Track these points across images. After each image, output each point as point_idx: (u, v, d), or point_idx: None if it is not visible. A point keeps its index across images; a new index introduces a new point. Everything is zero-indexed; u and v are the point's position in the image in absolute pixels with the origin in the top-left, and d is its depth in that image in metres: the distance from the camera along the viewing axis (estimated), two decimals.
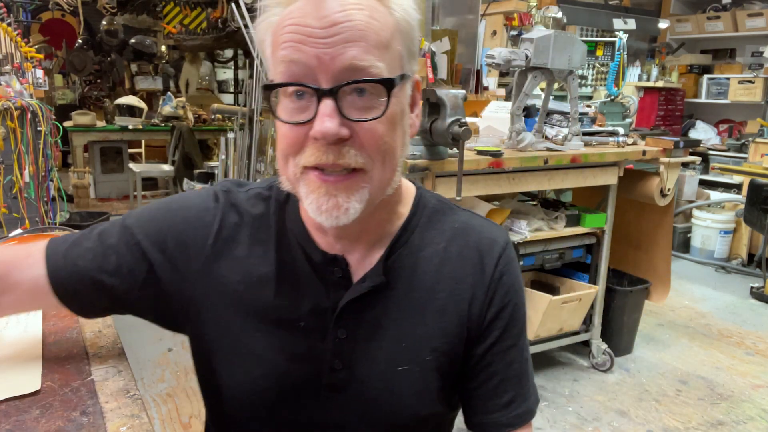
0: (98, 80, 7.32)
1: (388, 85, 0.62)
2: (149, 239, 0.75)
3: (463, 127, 1.85)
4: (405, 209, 0.76)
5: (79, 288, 0.76)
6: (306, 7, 0.61)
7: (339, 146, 0.62)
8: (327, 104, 0.60)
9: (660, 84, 5.41)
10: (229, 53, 8.63)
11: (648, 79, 5.50)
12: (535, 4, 4.87)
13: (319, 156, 0.62)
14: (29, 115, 2.49)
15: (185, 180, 4.68)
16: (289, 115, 0.63)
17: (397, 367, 0.72)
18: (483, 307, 0.74)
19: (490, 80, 3.52)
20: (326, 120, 0.60)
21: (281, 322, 0.73)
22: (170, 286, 0.76)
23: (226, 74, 9.29)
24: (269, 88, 0.64)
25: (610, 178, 2.55)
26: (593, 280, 2.71)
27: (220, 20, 6.22)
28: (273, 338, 0.73)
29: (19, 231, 1.44)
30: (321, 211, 0.64)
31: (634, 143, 2.73)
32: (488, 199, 2.56)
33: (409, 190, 0.78)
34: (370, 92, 0.62)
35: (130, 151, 6.59)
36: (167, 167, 5.84)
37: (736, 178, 4.89)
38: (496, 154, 2.13)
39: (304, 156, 0.63)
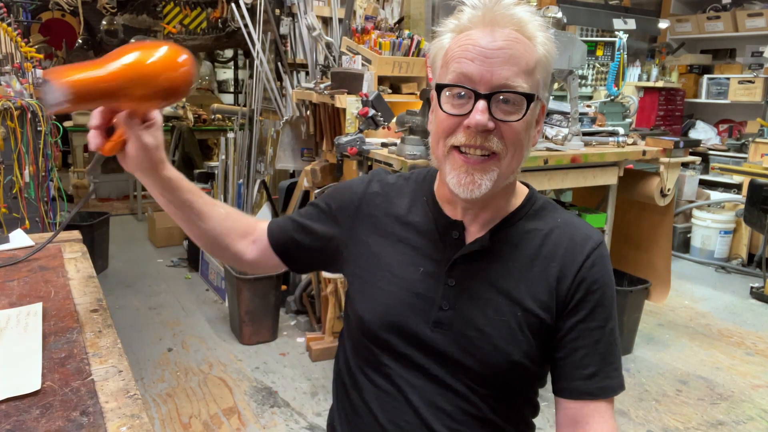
0: None
1: (529, 98, 0.82)
2: (326, 207, 1.04)
3: None
4: (518, 201, 0.95)
5: (289, 247, 1.04)
6: (480, 34, 0.82)
7: (485, 134, 0.82)
8: (481, 104, 0.81)
9: (660, 84, 5.41)
10: (229, 53, 8.62)
11: (648, 79, 5.50)
12: (535, 4, 4.87)
13: (469, 138, 0.82)
14: (29, 115, 2.49)
15: None
16: (450, 108, 0.84)
17: (495, 316, 0.88)
18: (571, 288, 0.88)
19: None
20: (479, 114, 0.80)
21: (406, 265, 0.93)
22: (342, 234, 1.01)
23: (226, 74, 9.28)
24: (441, 87, 0.84)
25: (610, 178, 2.55)
26: None
27: (220, 20, 6.21)
28: (398, 278, 0.93)
29: (19, 231, 1.44)
30: (460, 184, 0.84)
31: (634, 143, 2.73)
32: None
33: (523, 188, 0.99)
34: (513, 103, 0.82)
35: None
36: None
37: (736, 178, 4.89)
38: None
39: (456, 138, 0.83)
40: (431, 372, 0.90)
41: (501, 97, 0.81)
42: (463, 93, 0.82)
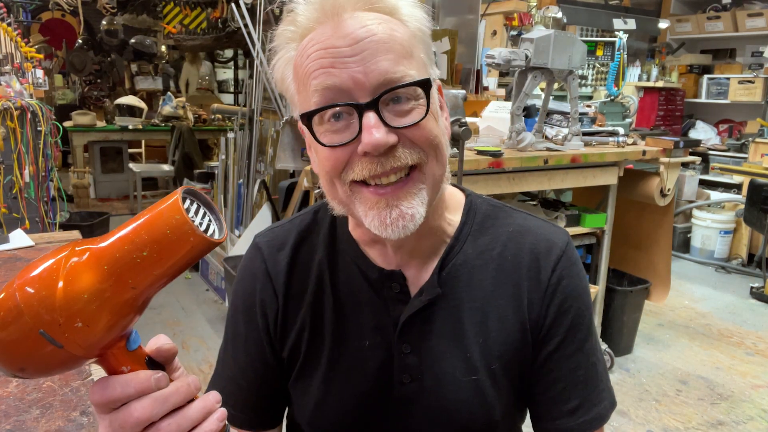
0: (98, 80, 7.32)
1: (426, 84, 0.63)
2: (243, 331, 0.80)
3: (463, 127, 1.85)
4: (456, 217, 0.76)
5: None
6: (325, 31, 0.62)
7: (391, 152, 0.62)
8: (370, 116, 0.60)
9: (660, 84, 5.41)
10: (229, 53, 8.63)
11: (648, 79, 5.49)
12: (535, 4, 4.87)
13: (372, 168, 0.62)
14: (29, 115, 2.49)
15: (185, 180, 4.68)
16: (330, 138, 0.63)
17: (466, 377, 0.72)
18: (541, 313, 0.73)
19: (490, 80, 3.52)
20: (374, 131, 0.60)
21: (347, 343, 0.75)
22: (268, 342, 0.79)
23: (226, 74, 9.28)
24: (308, 116, 0.63)
25: (610, 178, 2.55)
26: (593, 280, 2.71)
27: (220, 20, 6.22)
28: (342, 360, 0.75)
29: (19, 231, 1.44)
30: (386, 225, 0.63)
31: (634, 143, 2.72)
32: None
33: (457, 197, 0.78)
34: (406, 97, 0.62)
35: (130, 151, 6.59)
36: (167, 167, 5.84)
37: (736, 178, 4.89)
38: (496, 154, 2.13)
39: (354, 171, 0.63)
40: None
41: (392, 97, 0.62)
42: (338, 114, 0.62)
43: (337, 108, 0.62)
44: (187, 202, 0.48)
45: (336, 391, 0.75)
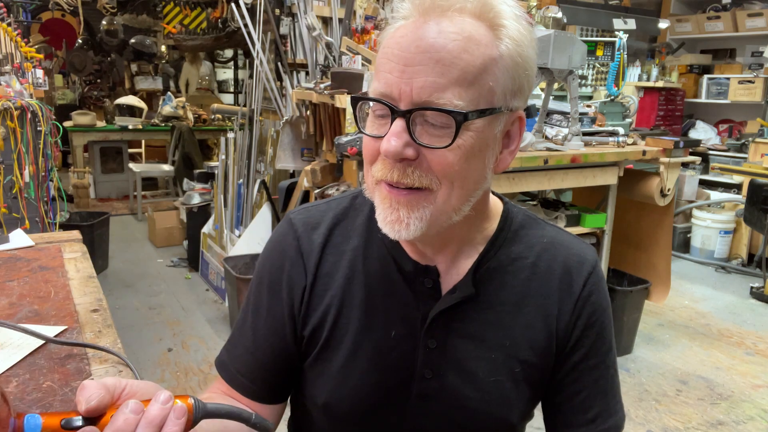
0: (98, 80, 7.32)
1: (458, 117, 0.61)
2: (270, 297, 0.80)
3: None
4: (493, 224, 0.77)
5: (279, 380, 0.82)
6: (408, 30, 0.62)
7: (404, 165, 0.63)
8: (398, 124, 0.62)
9: (660, 84, 5.41)
10: (229, 53, 8.62)
11: (648, 79, 5.50)
12: (535, 4, 4.87)
13: (385, 172, 0.64)
14: (29, 115, 2.49)
15: (185, 180, 4.67)
16: (371, 127, 0.66)
17: (488, 378, 0.74)
18: (570, 325, 0.76)
19: None
20: (392, 138, 0.61)
21: (374, 330, 0.75)
22: (295, 313, 0.79)
23: (226, 74, 9.28)
24: (355, 100, 0.67)
25: (610, 178, 2.55)
26: None
27: (220, 20, 6.22)
28: (366, 349, 0.75)
29: (19, 231, 1.44)
30: (385, 222, 0.66)
31: (634, 143, 2.73)
32: None
33: (496, 205, 0.79)
34: (444, 123, 0.62)
35: (130, 151, 6.59)
36: (167, 167, 5.84)
37: (736, 178, 4.89)
38: None
39: (376, 168, 0.66)
40: None
41: (426, 117, 0.62)
42: (382, 113, 0.64)
43: (379, 107, 0.64)
44: None
45: (356, 377, 0.75)
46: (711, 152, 5.38)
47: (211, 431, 0.69)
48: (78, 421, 0.49)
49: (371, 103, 0.65)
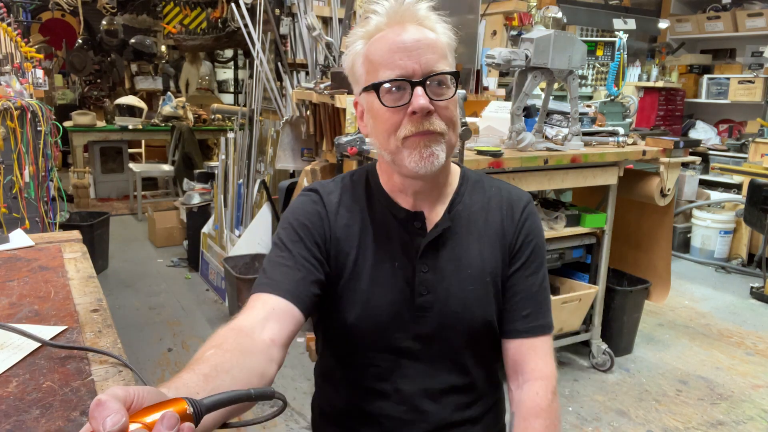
0: (98, 80, 7.32)
1: (457, 75, 0.94)
2: (306, 233, 1.00)
3: (463, 127, 1.85)
4: (455, 180, 1.06)
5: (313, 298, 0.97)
6: (395, 33, 0.92)
7: (429, 117, 0.90)
8: (419, 89, 0.90)
9: (660, 84, 5.41)
10: (229, 53, 8.62)
11: (648, 79, 5.49)
12: (535, 4, 4.87)
13: (418, 125, 0.90)
14: (29, 115, 2.49)
15: (185, 180, 4.67)
16: (391, 101, 0.91)
17: (467, 287, 0.99)
18: (513, 242, 1.03)
19: (490, 80, 3.52)
20: (420, 98, 0.89)
21: (382, 263, 1.00)
22: (323, 252, 1.00)
23: (226, 74, 9.28)
24: (379, 85, 0.91)
25: (610, 178, 2.55)
26: (593, 280, 2.71)
27: (220, 20, 6.22)
28: (379, 278, 0.99)
29: (19, 231, 1.44)
30: (422, 158, 0.91)
31: (634, 143, 2.72)
32: None
33: (456, 168, 1.09)
34: (443, 84, 0.92)
35: (130, 151, 6.59)
36: (167, 167, 5.84)
37: (736, 178, 4.89)
38: (496, 154, 2.13)
39: (404, 129, 0.91)
40: (419, 356, 1.00)
41: (436, 81, 0.91)
42: (399, 86, 0.91)
43: (400, 82, 0.90)
44: None
45: (376, 298, 0.99)
46: (711, 152, 5.38)
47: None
48: None
49: (392, 87, 0.91)
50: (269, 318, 0.86)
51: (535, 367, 1.00)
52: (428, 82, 0.91)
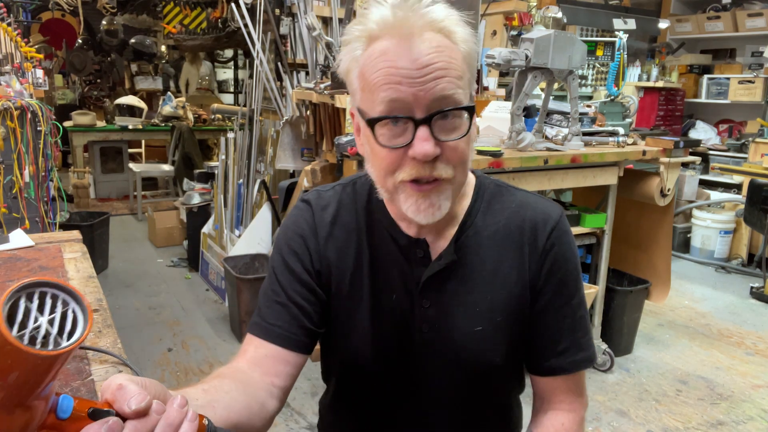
0: (98, 80, 7.31)
1: (471, 110, 0.76)
2: (297, 263, 0.92)
3: None
4: (467, 196, 0.91)
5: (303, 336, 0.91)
6: (397, 51, 0.73)
7: (433, 162, 0.75)
8: (423, 130, 0.74)
9: (660, 84, 5.41)
10: (229, 53, 8.62)
11: (648, 79, 5.49)
12: (535, 4, 4.87)
13: (419, 170, 0.76)
14: (29, 115, 2.49)
15: (185, 180, 4.67)
16: (388, 140, 0.76)
17: (473, 328, 0.87)
18: (537, 273, 0.88)
19: (490, 80, 3.52)
20: (425, 144, 0.73)
21: (380, 294, 0.89)
22: (319, 281, 0.92)
23: (226, 74, 9.28)
24: (373, 122, 0.76)
25: (610, 178, 2.55)
26: (593, 280, 2.71)
27: (220, 20, 6.22)
28: (376, 310, 0.89)
29: (19, 231, 1.44)
30: (419, 211, 0.78)
31: (634, 143, 2.72)
32: None
33: (470, 178, 0.92)
34: (453, 115, 0.75)
35: (130, 151, 6.59)
36: (167, 167, 5.84)
37: (736, 178, 4.89)
38: (496, 154, 2.13)
39: (403, 172, 0.77)
40: (419, 395, 0.92)
41: (442, 115, 0.74)
42: (397, 121, 0.75)
43: (399, 120, 0.74)
44: (22, 302, 0.45)
45: (376, 328, 0.89)
46: (711, 152, 5.38)
47: None
48: (105, 413, 0.50)
49: (388, 120, 0.75)
50: (262, 364, 0.85)
51: (565, 399, 0.92)
52: (435, 119, 0.74)
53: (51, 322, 0.47)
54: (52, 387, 0.49)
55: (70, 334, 0.48)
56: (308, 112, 3.17)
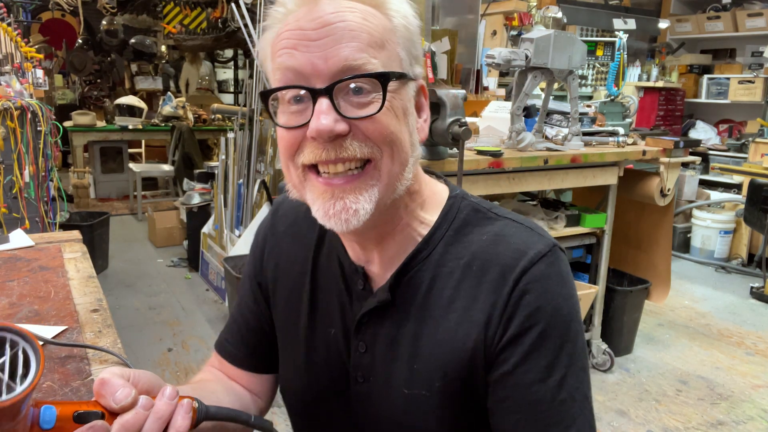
0: (98, 80, 7.31)
1: (383, 78, 0.60)
2: (253, 279, 0.85)
3: (463, 127, 1.85)
4: (432, 217, 0.71)
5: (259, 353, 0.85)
6: (300, 13, 0.61)
7: (339, 141, 0.60)
8: (322, 102, 0.59)
9: (660, 84, 5.41)
10: (229, 53, 8.62)
11: (648, 79, 5.50)
12: (535, 4, 4.87)
13: (318, 153, 0.61)
14: (29, 115, 2.49)
15: (185, 180, 4.67)
16: (287, 119, 0.63)
17: (411, 390, 0.68)
18: (497, 332, 0.64)
19: (490, 80, 3.52)
20: (321, 117, 0.58)
21: (319, 327, 0.76)
22: (263, 299, 0.84)
23: (226, 74, 9.28)
24: (265, 95, 0.63)
25: (610, 178, 2.55)
26: (593, 280, 2.71)
27: (220, 20, 6.22)
28: (312, 345, 0.76)
29: (19, 231, 1.44)
30: (329, 216, 0.62)
31: (634, 143, 2.72)
32: (488, 199, 2.56)
33: (438, 196, 0.72)
34: (367, 89, 0.60)
35: (130, 151, 6.59)
36: (167, 167, 5.84)
37: (736, 178, 4.89)
38: (496, 154, 2.13)
39: (303, 154, 0.62)
40: None
41: (351, 86, 0.60)
42: (299, 97, 0.61)
43: (294, 90, 0.61)
44: None
45: (310, 365, 0.77)
46: (711, 152, 5.38)
47: None
48: (91, 415, 0.50)
49: (285, 94, 0.62)
50: (227, 381, 0.84)
51: None
52: (339, 89, 0.60)
53: (1, 367, 0.45)
54: (26, 408, 0.47)
55: (24, 377, 0.46)
56: None
